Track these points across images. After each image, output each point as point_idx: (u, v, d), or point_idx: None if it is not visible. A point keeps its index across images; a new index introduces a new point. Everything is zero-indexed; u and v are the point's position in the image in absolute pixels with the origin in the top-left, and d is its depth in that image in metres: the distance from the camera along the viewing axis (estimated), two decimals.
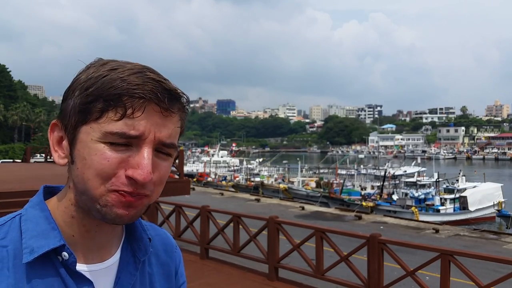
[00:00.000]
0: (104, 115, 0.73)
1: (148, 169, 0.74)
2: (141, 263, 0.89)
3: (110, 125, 0.73)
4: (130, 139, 0.74)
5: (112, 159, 0.73)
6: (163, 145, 0.77)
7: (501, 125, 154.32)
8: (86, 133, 0.75)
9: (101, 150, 0.74)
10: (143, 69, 0.77)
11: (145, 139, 0.74)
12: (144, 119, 0.74)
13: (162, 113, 0.75)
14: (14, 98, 67.33)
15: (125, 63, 0.78)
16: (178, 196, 12.33)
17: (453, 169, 55.28)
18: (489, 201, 28.47)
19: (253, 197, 27.41)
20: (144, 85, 0.74)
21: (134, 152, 0.75)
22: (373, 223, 19.36)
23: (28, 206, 0.83)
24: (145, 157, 0.74)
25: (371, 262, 6.25)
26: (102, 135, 0.73)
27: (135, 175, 0.73)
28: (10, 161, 36.48)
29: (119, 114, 0.73)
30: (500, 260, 5.61)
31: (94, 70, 0.77)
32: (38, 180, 10.63)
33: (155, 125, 0.75)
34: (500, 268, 6.42)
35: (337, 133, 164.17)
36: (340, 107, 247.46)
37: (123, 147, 0.74)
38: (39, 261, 0.76)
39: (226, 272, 8.09)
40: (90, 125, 0.75)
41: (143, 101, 0.73)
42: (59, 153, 0.81)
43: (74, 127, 0.77)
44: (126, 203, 0.75)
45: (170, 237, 1.03)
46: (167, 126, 0.77)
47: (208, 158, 64.14)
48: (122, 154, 0.74)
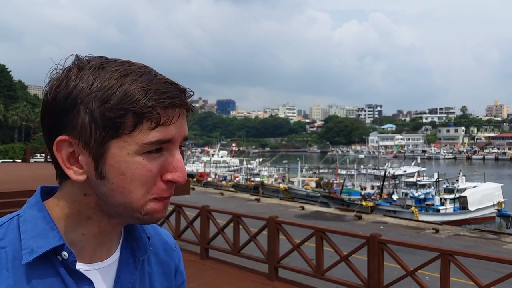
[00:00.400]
0: (138, 128, 0.74)
1: (184, 170, 0.78)
2: (140, 262, 0.88)
3: (146, 136, 0.74)
4: (163, 144, 0.76)
5: (154, 169, 0.76)
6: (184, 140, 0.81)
7: (501, 125, 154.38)
8: (120, 147, 0.74)
9: (141, 163, 0.75)
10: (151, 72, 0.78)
11: (175, 142, 0.78)
12: (175, 123, 0.77)
13: (187, 114, 0.80)
14: (14, 98, 67.39)
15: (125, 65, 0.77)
16: (178, 196, 12.34)
17: (453, 169, 55.29)
18: (489, 201, 28.48)
19: (253, 197, 27.42)
20: (169, 93, 0.75)
21: (166, 156, 0.77)
22: (373, 223, 19.37)
23: (26, 207, 0.82)
24: (179, 159, 0.78)
25: (371, 262, 6.25)
26: (139, 147, 0.74)
27: (176, 178, 0.77)
28: (10, 161, 36.49)
29: (154, 124, 0.74)
30: (500, 260, 5.62)
31: (95, 77, 0.74)
32: (38, 180, 10.63)
33: (179, 126, 0.78)
34: (500, 268, 6.43)
35: (337, 133, 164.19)
36: (340, 107, 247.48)
37: (157, 154, 0.76)
38: (39, 261, 0.75)
39: (226, 272, 8.09)
40: (123, 138, 0.74)
41: (177, 110, 0.76)
42: (75, 169, 0.77)
43: (101, 143, 0.74)
44: (165, 207, 0.79)
45: (169, 236, 1.03)
46: (186, 123, 0.81)
47: (208, 158, 64.15)
48: (158, 161, 0.76)
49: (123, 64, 0.78)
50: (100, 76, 0.74)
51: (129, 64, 0.78)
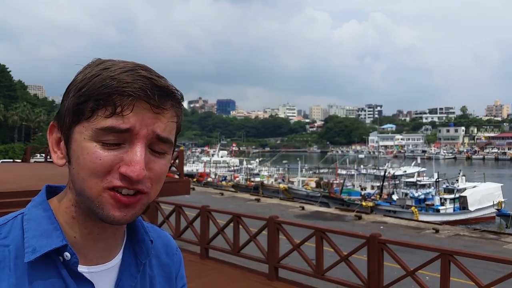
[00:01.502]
0: (95, 114, 0.74)
1: (141, 165, 0.74)
2: (142, 265, 0.88)
3: (100, 122, 0.74)
4: (120, 133, 0.74)
5: (104, 158, 0.74)
6: (158, 140, 0.77)
7: (501, 125, 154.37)
8: (79, 132, 0.76)
9: (92, 149, 0.74)
10: (136, 67, 0.77)
11: (137, 134, 0.74)
12: (134, 116, 0.74)
13: (153, 110, 0.75)
14: (14, 98, 67.37)
15: (119, 62, 0.79)
16: (178, 196, 12.33)
17: (453, 169, 55.29)
18: (489, 201, 28.50)
19: (253, 197, 27.43)
20: (133, 83, 0.74)
21: (127, 149, 0.75)
22: (373, 223, 19.37)
23: (30, 205, 0.83)
24: (137, 153, 0.74)
25: (371, 262, 6.25)
26: (93, 133, 0.74)
27: (127, 172, 0.73)
28: (10, 161, 36.47)
29: (108, 112, 0.73)
30: (500, 260, 5.61)
31: (89, 71, 0.78)
32: (38, 180, 10.63)
33: (146, 119, 0.75)
34: (500, 268, 6.42)
35: (337, 133, 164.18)
36: (340, 107, 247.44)
37: (115, 146, 0.74)
38: (41, 261, 0.75)
39: (226, 272, 8.09)
40: (82, 124, 0.75)
41: (131, 99, 0.73)
42: (58, 153, 0.81)
43: (69, 127, 0.77)
44: (123, 205, 0.75)
45: (171, 239, 1.03)
46: (161, 121, 0.77)
47: (208, 158, 64.18)
48: (115, 152, 0.74)
49: (121, 61, 0.79)
50: (92, 70, 0.77)
51: (124, 62, 0.79)
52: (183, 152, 14.17)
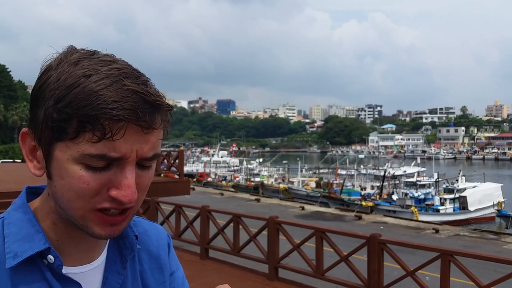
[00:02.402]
0: (80, 136, 0.67)
1: (132, 190, 0.70)
2: (127, 261, 0.86)
3: (88, 148, 0.67)
4: (110, 160, 0.69)
5: (91, 182, 0.69)
6: (146, 160, 0.73)
7: (501, 125, 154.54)
8: (62, 151, 0.69)
9: (78, 173, 0.69)
10: (119, 76, 0.69)
11: (127, 158, 0.69)
12: (124, 140, 0.68)
13: (143, 131, 0.69)
14: (14, 98, 67.36)
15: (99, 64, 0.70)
16: (178, 196, 12.34)
17: (453, 169, 55.29)
18: (488, 201, 28.51)
19: (253, 197, 27.43)
20: (122, 103, 0.66)
21: (115, 172, 0.70)
22: (373, 223, 19.37)
23: (10, 209, 0.80)
24: (128, 177, 0.70)
25: (371, 262, 6.25)
26: (79, 156, 0.68)
27: (118, 196, 0.70)
28: (10, 161, 36.46)
29: (96, 137, 0.66)
30: (500, 260, 5.62)
31: (65, 72, 0.70)
32: (38, 180, 10.60)
33: (136, 143, 0.69)
34: (500, 268, 6.42)
35: (337, 133, 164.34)
36: (340, 107, 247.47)
37: (103, 169, 0.69)
38: (24, 265, 0.73)
39: (226, 272, 8.09)
40: (65, 143, 0.69)
41: (123, 123, 0.66)
42: (34, 163, 0.76)
43: (49, 143, 0.71)
44: (109, 223, 0.72)
45: (160, 230, 0.99)
46: (149, 141, 0.71)
47: (208, 158, 64.20)
48: (102, 176, 0.69)
49: (99, 62, 0.71)
50: (68, 72, 0.69)
51: (105, 62, 0.71)
52: (183, 152, 14.17)
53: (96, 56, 0.73)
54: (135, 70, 0.73)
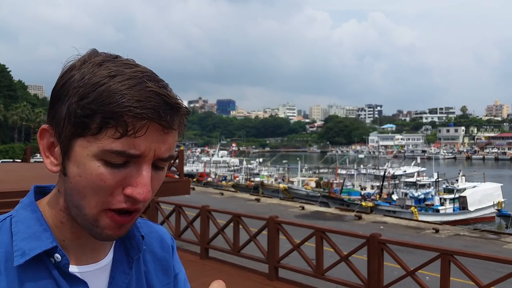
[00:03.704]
0: (103, 132, 0.69)
1: (148, 188, 0.72)
2: (134, 261, 0.87)
3: (109, 143, 0.69)
4: (129, 157, 0.70)
5: (109, 180, 0.70)
6: (161, 160, 0.74)
7: (501, 125, 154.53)
8: (82, 147, 0.71)
9: (97, 170, 0.70)
10: (143, 78, 0.72)
11: (145, 157, 0.71)
12: (145, 138, 0.70)
13: (163, 131, 0.72)
14: (14, 98, 67.41)
15: (124, 67, 0.73)
16: (178, 196, 12.33)
17: (453, 169, 55.29)
18: (488, 201, 28.49)
19: (253, 197, 27.42)
20: (146, 102, 0.69)
21: (132, 170, 0.71)
22: (373, 223, 19.37)
23: (18, 207, 0.81)
24: (145, 175, 0.71)
25: (371, 262, 6.25)
26: (99, 152, 0.69)
27: (134, 194, 0.71)
28: (10, 161, 36.49)
29: (119, 133, 0.68)
30: (500, 260, 5.61)
31: (89, 71, 0.72)
32: (38, 180, 10.62)
33: (155, 142, 0.71)
34: (500, 268, 6.42)
35: (337, 133, 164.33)
36: (340, 107, 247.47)
37: (120, 166, 0.71)
38: (31, 263, 0.74)
39: (226, 272, 8.09)
40: (87, 138, 0.70)
41: (146, 121, 0.69)
42: (51, 159, 0.77)
43: (69, 138, 0.72)
44: (119, 225, 0.73)
45: (165, 232, 1.01)
46: (167, 142, 0.73)
47: (208, 158, 64.18)
48: (119, 173, 0.71)
49: (122, 64, 0.74)
50: (93, 72, 0.72)
51: (129, 66, 0.74)
52: (183, 152, 14.17)
53: (119, 59, 0.76)
54: (156, 75, 0.76)
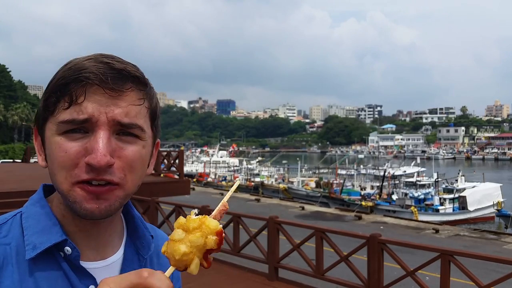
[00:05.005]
0: (57, 108, 0.75)
1: (101, 152, 0.72)
2: (145, 260, 0.89)
3: (61, 115, 0.74)
4: (81, 124, 0.74)
5: (69, 150, 0.74)
6: (122, 126, 0.75)
7: (501, 125, 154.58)
8: (49, 129, 0.77)
9: (58, 143, 0.74)
10: (98, 56, 0.77)
11: (97, 121, 0.73)
12: (90, 101, 0.73)
13: (107, 93, 0.74)
14: (14, 98, 67.35)
15: (85, 56, 0.79)
16: (178, 196, 12.33)
17: (453, 169, 55.29)
18: (488, 201, 28.50)
19: (253, 197, 27.41)
20: (87, 69, 0.73)
21: (89, 139, 0.74)
22: (373, 223, 19.37)
23: (28, 203, 0.84)
24: (98, 140, 0.73)
25: (371, 262, 6.25)
26: (57, 126, 0.75)
27: (89, 160, 0.72)
28: (10, 161, 36.46)
29: (67, 103, 0.73)
30: (500, 260, 5.61)
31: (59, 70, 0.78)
32: (38, 180, 10.61)
33: (104, 106, 0.74)
34: (500, 268, 6.42)
35: (337, 133, 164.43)
36: (340, 107, 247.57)
37: (79, 135, 0.74)
38: (42, 257, 0.76)
39: (226, 272, 8.08)
40: (50, 120, 0.76)
41: (83, 83, 0.73)
42: (42, 156, 0.82)
43: (42, 128, 0.79)
44: (93, 196, 0.75)
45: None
46: (119, 105, 0.75)
47: (208, 158, 64.13)
48: (79, 143, 0.74)
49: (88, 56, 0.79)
50: (61, 70, 0.78)
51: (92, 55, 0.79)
52: (183, 152, 14.16)
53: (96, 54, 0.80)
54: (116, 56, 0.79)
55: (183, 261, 0.68)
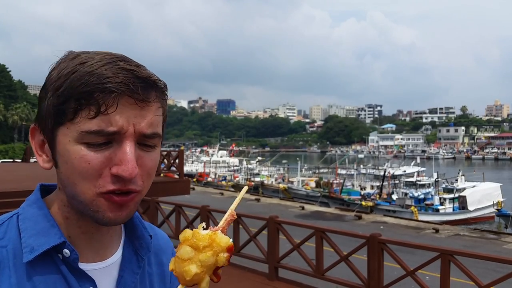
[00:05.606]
0: (78, 115, 0.70)
1: (132, 164, 0.71)
2: (143, 261, 0.88)
3: (85, 124, 0.70)
4: (109, 136, 0.71)
5: (93, 161, 0.71)
6: (145, 137, 0.74)
7: (501, 125, 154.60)
8: (64, 134, 0.72)
9: (79, 153, 0.71)
10: (113, 59, 0.73)
11: (125, 133, 0.72)
12: (120, 113, 0.70)
13: (138, 104, 0.72)
14: (14, 98, 67.34)
15: (95, 54, 0.75)
16: (178, 196, 12.33)
17: (453, 169, 55.29)
18: (488, 201, 28.49)
19: (253, 197, 27.42)
20: (114, 77, 0.70)
21: (115, 149, 0.72)
22: (373, 223, 19.37)
23: (25, 204, 0.81)
24: (128, 151, 0.71)
25: (371, 262, 6.25)
26: (78, 135, 0.71)
27: (119, 172, 0.71)
28: (10, 161, 36.45)
29: (93, 112, 0.70)
30: (500, 260, 5.62)
31: (65, 66, 0.74)
32: (38, 180, 10.59)
33: (132, 117, 0.72)
34: (500, 268, 6.42)
35: (337, 133, 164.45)
36: (340, 107, 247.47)
37: (103, 146, 0.72)
38: (40, 259, 0.74)
39: (226, 272, 8.05)
40: (66, 125, 0.72)
41: (115, 95, 0.70)
42: (43, 157, 0.79)
43: (51, 130, 0.74)
44: (118, 206, 0.74)
45: (167, 238, 1.02)
46: (146, 117, 0.73)
47: (208, 158, 64.12)
48: (103, 153, 0.72)
49: (95, 53, 0.75)
50: (67, 65, 0.74)
51: (101, 52, 0.75)
52: (183, 152, 14.16)
53: (93, 51, 0.77)
54: (128, 57, 0.77)
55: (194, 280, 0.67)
